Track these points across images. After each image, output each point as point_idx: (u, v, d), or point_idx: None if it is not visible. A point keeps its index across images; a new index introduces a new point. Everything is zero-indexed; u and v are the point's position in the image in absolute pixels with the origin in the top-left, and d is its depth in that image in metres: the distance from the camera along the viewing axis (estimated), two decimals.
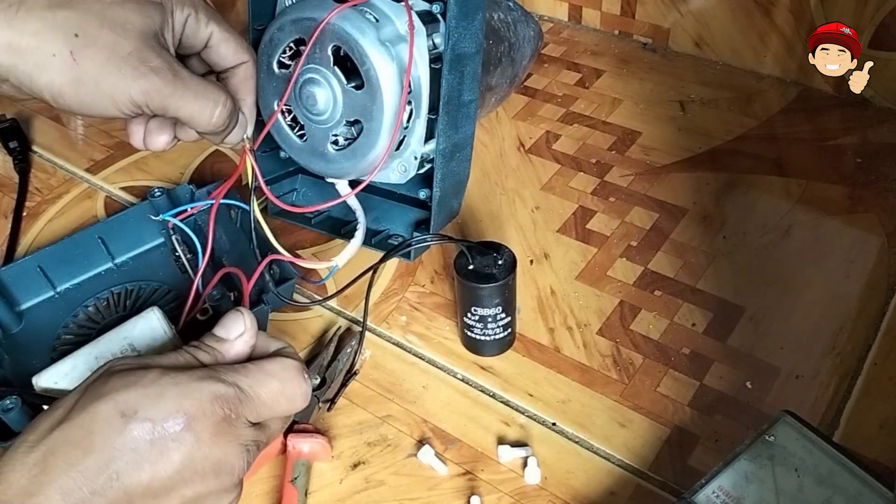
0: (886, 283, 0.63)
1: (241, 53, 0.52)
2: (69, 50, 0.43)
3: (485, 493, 0.52)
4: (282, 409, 0.43)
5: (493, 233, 0.70)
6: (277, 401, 0.42)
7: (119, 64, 0.44)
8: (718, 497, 0.46)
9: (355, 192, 0.62)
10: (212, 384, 0.39)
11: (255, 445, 0.41)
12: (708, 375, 0.58)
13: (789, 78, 0.83)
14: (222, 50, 0.51)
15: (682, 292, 0.64)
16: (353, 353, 0.59)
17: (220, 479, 0.39)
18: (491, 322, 0.57)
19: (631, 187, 0.74)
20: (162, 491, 0.37)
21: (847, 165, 0.73)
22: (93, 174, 0.81)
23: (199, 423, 0.38)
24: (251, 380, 0.41)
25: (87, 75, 0.44)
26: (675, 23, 0.88)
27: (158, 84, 0.45)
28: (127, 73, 0.45)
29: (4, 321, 0.63)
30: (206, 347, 0.42)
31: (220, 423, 0.39)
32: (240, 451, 0.40)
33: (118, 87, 0.45)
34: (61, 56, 0.43)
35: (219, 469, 0.39)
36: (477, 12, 0.58)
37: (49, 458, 0.36)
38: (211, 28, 0.50)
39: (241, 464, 0.40)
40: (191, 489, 0.38)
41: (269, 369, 0.42)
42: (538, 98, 0.85)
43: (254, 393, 0.41)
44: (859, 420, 0.54)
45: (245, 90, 0.53)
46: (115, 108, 0.45)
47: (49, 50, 0.43)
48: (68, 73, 0.44)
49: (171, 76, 0.45)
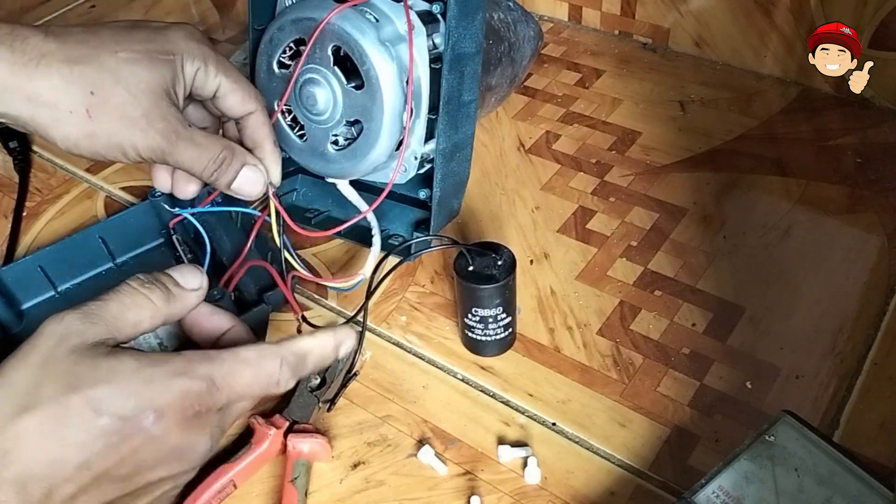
0: (886, 283, 0.63)
1: (248, 103, 0.53)
2: (85, 108, 0.46)
3: (485, 493, 0.52)
4: (254, 395, 0.44)
5: (493, 233, 0.70)
6: (250, 389, 0.43)
7: (130, 123, 0.48)
8: (718, 497, 0.46)
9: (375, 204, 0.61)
10: (184, 382, 0.40)
11: (220, 430, 0.43)
12: (708, 375, 0.58)
13: (789, 78, 0.83)
14: (229, 101, 0.53)
15: (682, 292, 0.64)
16: (353, 353, 0.59)
17: (183, 464, 0.42)
18: (492, 322, 0.57)
19: (631, 187, 0.74)
20: (128, 476, 0.40)
21: (847, 165, 0.73)
22: (93, 174, 0.81)
23: (169, 419, 0.40)
24: (225, 370, 0.42)
25: (101, 130, 0.47)
26: (675, 23, 0.88)
27: (162, 144, 0.49)
28: (136, 133, 0.48)
29: (5, 321, 0.63)
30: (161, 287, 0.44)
31: (190, 418, 0.41)
32: (206, 439, 0.42)
33: (128, 141, 0.48)
34: (77, 113, 0.46)
35: (183, 455, 0.41)
36: (477, 12, 0.58)
37: (20, 445, 0.37)
38: (219, 80, 0.52)
39: (206, 448, 0.42)
40: (156, 474, 0.41)
41: (244, 357, 0.43)
42: (538, 98, 0.85)
43: (226, 384, 0.42)
44: (859, 420, 0.54)
45: (260, 137, 0.54)
46: (124, 158, 0.49)
47: (66, 107, 0.46)
48: (84, 128, 0.47)
49: (173, 137, 0.49)
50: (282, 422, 0.54)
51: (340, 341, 0.48)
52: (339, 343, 0.48)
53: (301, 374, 0.46)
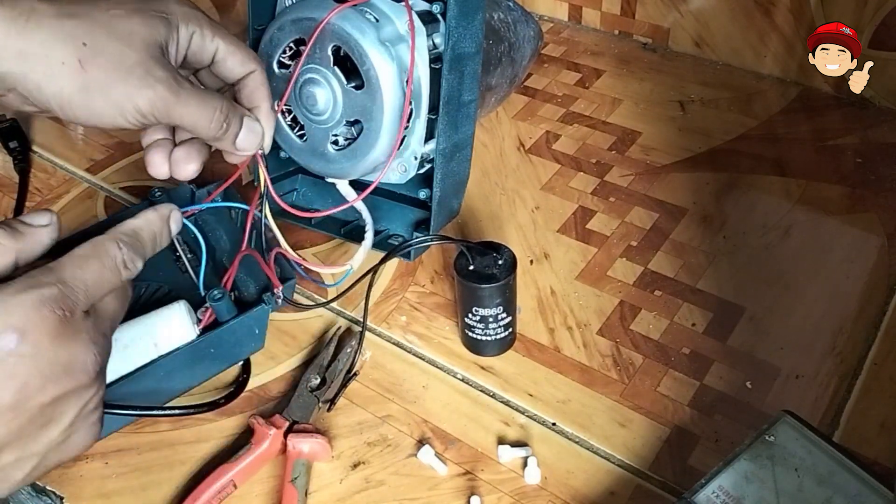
0: (886, 283, 0.63)
1: (249, 63, 0.52)
2: (78, 58, 0.45)
3: (485, 493, 0.52)
4: (109, 284, 0.43)
5: (493, 233, 0.70)
6: (103, 278, 0.42)
7: (125, 74, 0.46)
8: (718, 497, 0.46)
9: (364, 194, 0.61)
10: (33, 293, 0.39)
11: (101, 334, 0.42)
12: (708, 375, 0.58)
13: (789, 78, 0.83)
14: (229, 63, 0.51)
15: (682, 292, 0.64)
16: (353, 353, 0.59)
17: (74, 378, 0.40)
18: (492, 322, 0.57)
19: (631, 187, 0.74)
20: (18, 404, 0.38)
21: (847, 165, 0.73)
22: (93, 174, 0.81)
23: (33, 334, 0.38)
24: (69, 270, 0.41)
25: (95, 83, 0.45)
26: (675, 23, 0.88)
27: (163, 93, 0.46)
28: (133, 82, 0.46)
29: None
30: (5, 227, 0.42)
31: (56, 325, 0.39)
32: (86, 346, 0.40)
33: (125, 95, 0.46)
34: (70, 65, 0.45)
35: (69, 368, 0.40)
36: (477, 12, 0.58)
37: None
38: (217, 42, 0.50)
39: (92, 357, 0.41)
40: (46, 395, 0.39)
41: (81, 253, 0.42)
42: (538, 98, 0.85)
43: (78, 281, 0.41)
44: (859, 420, 0.54)
45: (258, 98, 0.53)
46: (121, 117, 0.47)
47: (58, 58, 0.44)
48: (77, 80, 0.45)
49: (175, 86, 0.47)
50: (282, 422, 0.54)
51: (164, 214, 0.47)
52: (164, 216, 0.47)
53: (143, 252, 0.45)
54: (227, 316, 0.57)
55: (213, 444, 0.56)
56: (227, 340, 0.58)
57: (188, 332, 0.56)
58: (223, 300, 0.56)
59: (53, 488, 0.54)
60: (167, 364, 0.55)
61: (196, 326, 0.56)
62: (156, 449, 0.56)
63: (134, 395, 0.54)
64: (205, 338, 0.56)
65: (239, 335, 0.59)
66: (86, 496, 0.54)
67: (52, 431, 0.40)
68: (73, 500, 0.54)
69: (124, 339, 0.54)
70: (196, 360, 0.57)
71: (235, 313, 0.57)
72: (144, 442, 0.56)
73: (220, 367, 0.60)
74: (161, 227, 0.47)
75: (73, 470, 0.55)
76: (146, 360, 0.55)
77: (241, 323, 0.58)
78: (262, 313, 0.59)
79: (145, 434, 0.57)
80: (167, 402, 0.58)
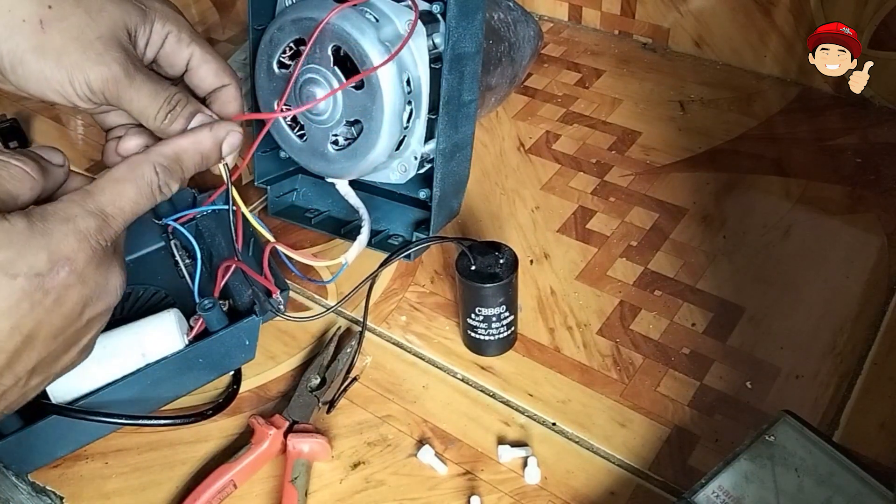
0: (886, 283, 0.63)
1: (223, 76, 0.50)
2: (39, 19, 0.44)
3: (485, 493, 0.52)
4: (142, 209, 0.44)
5: (493, 233, 0.70)
6: (138, 204, 0.43)
7: (84, 45, 0.45)
8: (718, 497, 0.46)
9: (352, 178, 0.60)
10: (79, 223, 0.40)
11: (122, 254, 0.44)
12: (708, 375, 0.58)
13: (789, 78, 0.83)
14: (202, 72, 0.50)
15: (682, 292, 0.64)
16: (352, 353, 0.59)
17: (105, 301, 0.42)
18: (495, 321, 0.57)
19: (631, 187, 0.74)
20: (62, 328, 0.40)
21: (847, 165, 0.73)
22: (93, 174, 0.80)
23: (79, 262, 0.40)
24: (108, 197, 0.42)
25: (51, 46, 0.44)
26: (674, 23, 0.88)
27: (117, 73, 0.45)
28: (90, 56, 0.45)
29: None
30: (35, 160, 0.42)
31: (98, 255, 0.41)
32: (118, 270, 0.43)
33: (78, 67, 0.45)
34: (31, 22, 0.44)
35: (104, 293, 0.42)
36: (477, 12, 0.58)
37: None
38: (192, 48, 0.49)
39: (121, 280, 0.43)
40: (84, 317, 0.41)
41: (118, 176, 0.43)
42: (538, 98, 0.85)
43: (117, 209, 0.42)
44: (859, 420, 0.54)
45: (229, 112, 0.51)
46: (70, 89, 0.45)
47: (21, 14, 0.44)
48: (33, 39, 0.44)
49: (131, 68, 0.46)
50: (282, 422, 0.54)
51: (220, 137, 0.46)
52: (219, 139, 0.46)
53: (182, 175, 0.45)
54: (217, 326, 0.56)
55: (213, 444, 0.56)
56: (217, 351, 0.57)
57: (176, 341, 0.55)
58: (213, 310, 0.56)
59: (53, 488, 0.54)
60: (154, 372, 0.55)
61: (185, 336, 0.56)
62: (156, 449, 0.56)
63: (121, 403, 0.54)
64: (193, 348, 0.56)
65: (229, 346, 0.58)
66: (86, 496, 0.54)
67: (72, 352, 0.42)
68: (73, 500, 0.54)
69: (112, 346, 0.54)
70: (184, 370, 0.56)
71: (226, 323, 0.57)
72: (144, 442, 0.56)
73: (210, 377, 0.59)
74: (211, 150, 0.47)
75: (73, 470, 0.55)
76: (133, 369, 0.54)
77: (231, 334, 0.57)
78: (253, 325, 0.58)
79: (145, 434, 0.57)
80: (155, 410, 0.57)
